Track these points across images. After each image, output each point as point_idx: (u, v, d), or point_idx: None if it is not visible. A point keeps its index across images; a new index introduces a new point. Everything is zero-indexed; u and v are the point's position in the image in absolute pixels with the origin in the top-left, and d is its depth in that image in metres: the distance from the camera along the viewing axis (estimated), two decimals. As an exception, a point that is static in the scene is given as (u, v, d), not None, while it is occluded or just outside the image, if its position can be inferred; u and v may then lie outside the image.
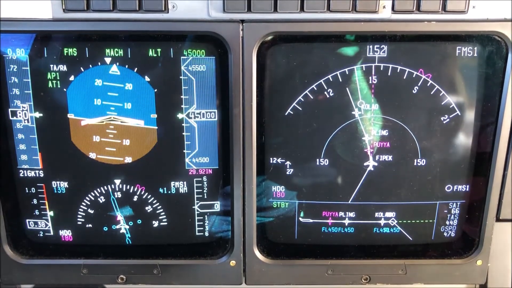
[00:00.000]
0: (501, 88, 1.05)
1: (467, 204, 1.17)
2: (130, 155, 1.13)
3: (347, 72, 1.07)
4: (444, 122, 1.10)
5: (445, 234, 1.20)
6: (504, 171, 1.11)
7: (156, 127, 1.11)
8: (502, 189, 1.12)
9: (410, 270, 1.19)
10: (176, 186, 1.16)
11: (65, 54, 1.06)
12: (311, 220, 1.19)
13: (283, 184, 1.16)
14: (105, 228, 1.19)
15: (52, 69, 1.07)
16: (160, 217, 1.18)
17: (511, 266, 1.22)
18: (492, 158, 1.10)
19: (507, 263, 1.21)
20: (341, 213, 1.19)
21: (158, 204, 1.17)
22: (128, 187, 1.16)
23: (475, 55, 1.05)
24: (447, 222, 1.19)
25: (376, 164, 1.14)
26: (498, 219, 1.15)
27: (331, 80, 1.07)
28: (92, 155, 1.12)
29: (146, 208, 1.17)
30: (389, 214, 1.18)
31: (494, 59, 1.04)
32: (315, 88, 1.08)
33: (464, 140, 1.12)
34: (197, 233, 1.20)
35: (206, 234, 1.20)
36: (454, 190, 1.16)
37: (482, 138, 1.11)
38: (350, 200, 1.17)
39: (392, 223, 1.19)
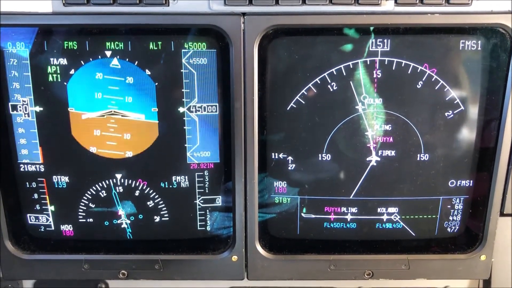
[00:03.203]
0: (505, 82, 1.04)
1: (470, 199, 1.16)
2: (131, 149, 1.12)
3: (350, 66, 1.06)
4: (448, 117, 1.09)
5: (449, 229, 1.19)
6: (508, 165, 1.10)
7: (157, 121, 1.10)
8: (506, 183, 1.11)
9: (413, 265, 1.18)
10: (177, 181, 1.15)
11: (65, 47, 1.05)
12: (313, 216, 1.18)
13: (285, 180, 1.15)
14: (106, 223, 1.19)
15: (52, 63, 1.06)
16: (161, 212, 1.17)
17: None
18: (496, 153, 1.09)
19: (510, 258, 1.21)
20: (344, 209, 1.18)
21: (159, 198, 1.16)
22: (129, 181, 1.15)
23: (479, 48, 1.04)
24: (451, 218, 1.18)
25: (379, 159, 1.13)
26: (502, 214, 1.14)
27: (333, 74, 1.06)
28: (93, 149, 1.12)
29: (148, 203, 1.17)
30: (391, 209, 1.18)
31: (498, 52, 1.03)
32: (318, 82, 1.07)
33: (467, 135, 1.11)
34: (198, 228, 1.19)
35: (208, 228, 1.20)
36: (458, 185, 1.15)
37: (486, 133, 1.10)
38: (352, 195, 1.16)
39: (394, 218, 1.18)
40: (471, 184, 1.15)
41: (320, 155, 1.13)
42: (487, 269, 1.19)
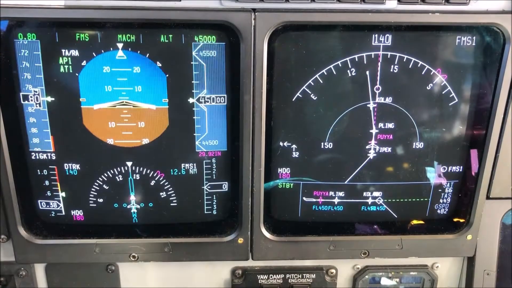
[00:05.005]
0: (497, 77, 1.11)
1: (460, 184, 1.25)
2: (142, 139, 1.16)
3: (354, 60, 1.11)
4: (444, 109, 1.16)
5: (439, 211, 1.28)
6: (496, 153, 1.18)
7: (168, 112, 1.14)
8: (493, 170, 1.20)
9: (405, 245, 1.27)
10: (186, 168, 1.20)
11: (77, 39, 1.06)
12: (314, 200, 1.25)
13: (289, 166, 1.21)
14: (117, 208, 1.23)
15: (64, 54, 1.07)
16: (171, 198, 1.22)
17: (497, 240, 1.31)
18: (485, 142, 1.17)
19: (494, 237, 1.30)
20: (340, 193, 1.25)
21: (169, 185, 1.21)
22: (139, 169, 1.19)
23: (476, 45, 1.10)
24: (441, 201, 1.26)
25: (377, 148, 1.19)
26: (488, 198, 1.24)
27: (338, 68, 1.11)
28: (104, 138, 1.15)
29: (158, 189, 1.21)
30: (386, 194, 1.25)
31: (493, 49, 1.10)
32: (322, 76, 1.12)
33: (461, 125, 1.18)
34: (205, 212, 1.25)
35: (214, 212, 1.25)
36: (449, 170, 1.23)
37: (477, 124, 1.18)
38: (348, 181, 1.23)
39: (389, 201, 1.26)
40: (461, 170, 1.23)
41: (322, 144, 1.19)
42: (472, 247, 1.29)
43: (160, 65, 1.10)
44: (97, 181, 1.20)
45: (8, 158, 1.13)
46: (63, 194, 1.21)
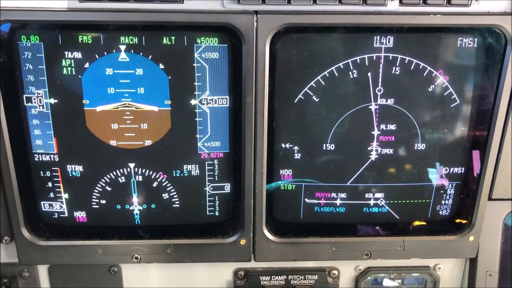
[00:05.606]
0: (499, 78, 1.11)
1: (462, 185, 1.25)
2: (144, 140, 1.16)
3: (355, 62, 1.11)
4: (446, 110, 1.16)
5: (441, 212, 1.28)
6: (498, 155, 1.18)
7: (170, 113, 1.14)
8: (495, 171, 1.20)
9: (408, 246, 1.27)
10: (188, 169, 1.20)
11: (79, 41, 1.07)
12: (316, 201, 1.25)
13: (291, 168, 1.22)
14: (119, 210, 1.23)
15: (67, 56, 1.08)
16: (173, 199, 1.23)
17: (500, 241, 1.31)
18: (487, 144, 1.17)
19: (496, 238, 1.30)
20: (342, 195, 1.25)
21: (171, 186, 1.21)
22: (142, 171, 1.19)
23: (478, 47, 1.10)
24: (443, 202, 1.26)
25: (379, 150, 1.19)
26: (490, 199, 1.24)
27: (339, 70, 1.11)
28: (107, 140, 1.15)
29: (160, 190, 1.22)
30: (388, 196, 1.25)
31: (495, 51, 1.10)
32: (324, 78, 1.12)
33: (462, 127, 1.18)
34: (208, 213, 1.25)
35: (217, 214, 1.26)
36: (451, 172, 1.23)
37: (479, 126, 1.18)
38: (350, 182, 1.23)
39: (391, 203, 1.26)
40: (462, 171, 1.23)
41: (324, 145, 1.19)
42: (474, 248, 1.29)
43: (163, 67, 1.10)
44: (100, 182, 1.20)
45: (11, 160, 1.14)
46: (66, 195, 1.21)
